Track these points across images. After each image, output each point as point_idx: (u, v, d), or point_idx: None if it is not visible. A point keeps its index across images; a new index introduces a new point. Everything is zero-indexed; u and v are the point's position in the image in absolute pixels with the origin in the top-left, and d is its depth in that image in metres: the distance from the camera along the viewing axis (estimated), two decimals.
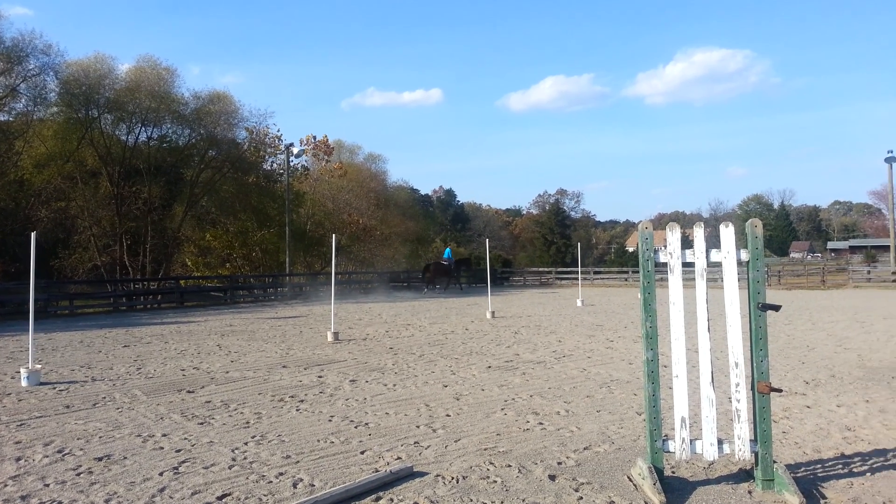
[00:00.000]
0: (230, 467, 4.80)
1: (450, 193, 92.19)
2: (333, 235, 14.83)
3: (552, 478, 4.47)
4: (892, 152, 38.88)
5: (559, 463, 4.79)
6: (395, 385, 7.89)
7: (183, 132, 34.31)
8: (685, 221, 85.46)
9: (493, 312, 17.30)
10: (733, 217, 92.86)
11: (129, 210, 31.89)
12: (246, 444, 5.42)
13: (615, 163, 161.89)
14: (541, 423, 5.94)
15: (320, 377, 8.52)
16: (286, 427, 5.96)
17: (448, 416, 6.31)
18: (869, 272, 38.79)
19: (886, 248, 49.32)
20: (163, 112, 31.95)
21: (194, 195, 33.54)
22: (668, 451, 4.28)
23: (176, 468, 4.80)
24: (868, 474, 4.49)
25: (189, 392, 7.67)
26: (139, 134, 32.87)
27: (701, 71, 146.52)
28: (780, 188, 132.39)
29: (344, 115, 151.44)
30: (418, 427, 5.89)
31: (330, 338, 12.39)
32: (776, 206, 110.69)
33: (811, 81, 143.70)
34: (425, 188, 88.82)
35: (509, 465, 4.75)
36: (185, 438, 5.62)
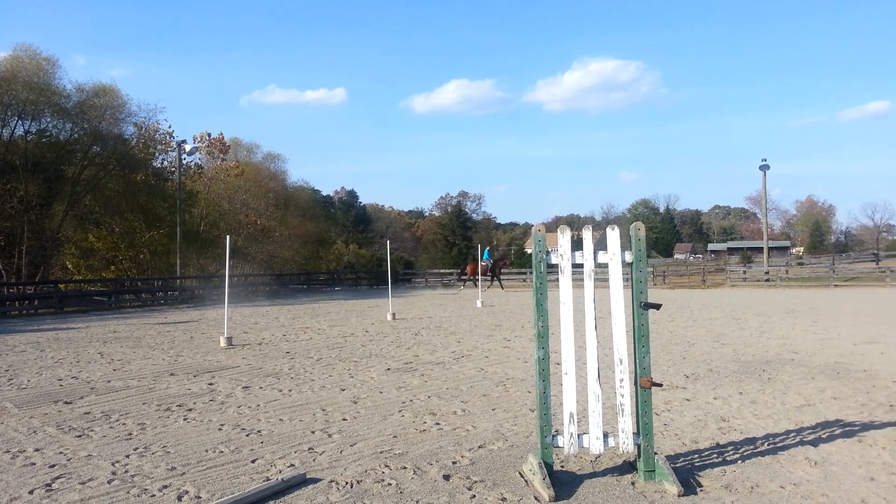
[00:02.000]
0: (109, 482, 4.52)
1: (352, 195, 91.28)
2: (228, 236, 14.30)
3: (447, 477, 4.50)
4: (765, 161, 42.03)
5: (454, 462, 4.83)
6: (290, 390, 7.71)
7: (65, 126, 32.04)
8: (580, 224, 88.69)
9: (393, 314, 17.27)
10: (623, 220, 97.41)
11: (2, 209, 29.43)
12: (128, 456, 5.12)
13: (515, 166, 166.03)
14: (438, 424, 5.97)
15: (211, 384, 8.19)
16: (172, 437, 5.68)
17: (345, 420, 6.23)
18: (744, 272, 41.69)
19: (761, 250, 53.18)
20: (42, 105, 29.73)
21: (76, 194, 31.40)
22: (558, 447, 4.41)
23: (49, 485, 4.47)
24: (739, 462, 4.81)
25: (66, 403, 7.17)
26: (15, 128, 30.42)
27: (596, 80, 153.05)
28: (666, 193, 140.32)
29: (243, 113, 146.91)
30: (313, 433, 5.77)
31: (223, 343, 11.95)
32: (662, 209, 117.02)
33: (695, 93, 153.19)
34: (327, 189, 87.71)
35: (405, 467, 4.74)
36: (61, 453, 5.25)
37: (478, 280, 32.25)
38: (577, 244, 4.69)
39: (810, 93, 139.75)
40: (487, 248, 38.48)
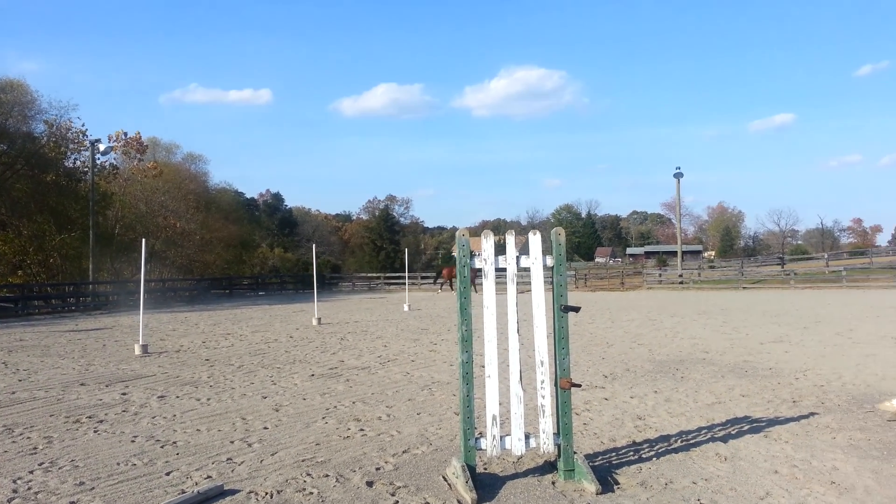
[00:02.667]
0: (10, 500, 4.26)
1: (278, 197, 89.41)
2: (143, 240, 13.74)
3: (370, 484, 4.47)
4: (679, 169, 44.05)
5: (378, 468, 4.80)
6: (209, 399, 7.47)
7: None
8: (506, 229, 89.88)
9: (319, 319, 17.02)
10: (548, 225, 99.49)
11: None
12: (32, 472, 4.84)
13: (443, 171, 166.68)
14: (362, 430, 5.92)
15: (124, 394, 7.84)
16: (81, 451, 5.40)
17: (266, 428, 6.09)
18: (660, 275, 43.35)
19: (675, 254, 55.39)
20: None
21: None
22: (481, 449, 4.46)
23: None
24: (654, 459, 4.99)
25: None
26: None
27: (521, 87, 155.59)
28: (588, 199, 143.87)
29: (162, 112, 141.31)
30: (232, 442, 5.61)
31: (138, 351, 11.46)
32: (584, 215, 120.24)
33: (616, 103, 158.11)
34: (252, 191, 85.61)
35: (327, 475, 4.67)
36: None
37: (454, 283, 32.35)
38: (502, 248, 4.77)
39: (722, 105, 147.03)
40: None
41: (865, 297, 25.99)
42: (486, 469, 4.73)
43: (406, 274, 26.55)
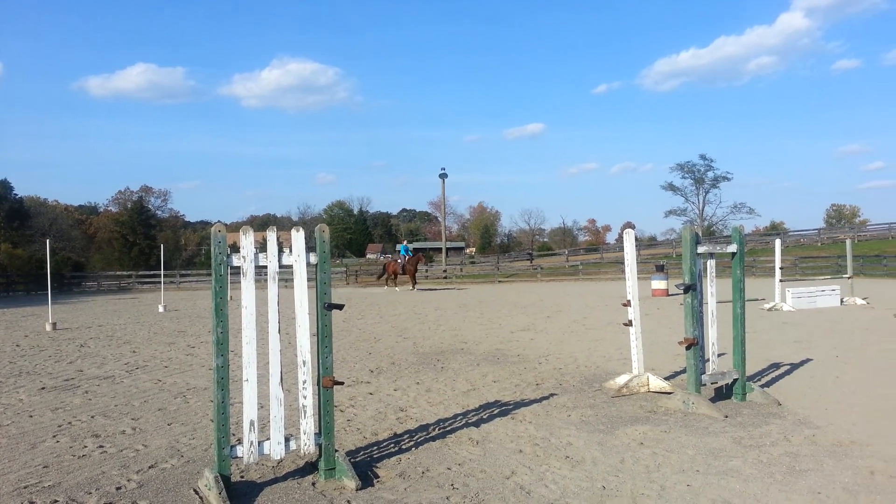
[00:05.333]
0: None
1: (5, 185, 76.99)
2: None
3: None
4: (444, 170, 46.68)
5: (118, 488, 4.33)
6: None
7: None
8: (277, 224, 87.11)
9: (54, 324, 15.00)
10: (320, 220, 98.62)
11: None
12: None
13: (209, 162, 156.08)
14: (101, 447, 5.31)
15: None
16: None
17: None
18: (426, 271, 45.29)
19: (440, 250, 58.27)
20: None
21: None
22: (237, 457, 4.24)
23: None
24: (414, 449, 5.16)
25: None
26: None
27: (295, 80, 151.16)
28: (360, 195, 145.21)
29: None
30: None
31: None
32: (356, 211, 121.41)
33: (388, 104, 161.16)
34: None
35: (56, 501, 4.10)
36: None
37: (396, 278, 29.89)
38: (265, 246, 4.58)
39: (482, 112, 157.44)
40: (405, 242, 35.11)
41: (597, 288, 29.69)
42: (242, 477, 4.51)
43: (161, 272, 24.51)
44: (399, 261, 30.67)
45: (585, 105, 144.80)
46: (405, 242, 33.91)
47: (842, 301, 17.58)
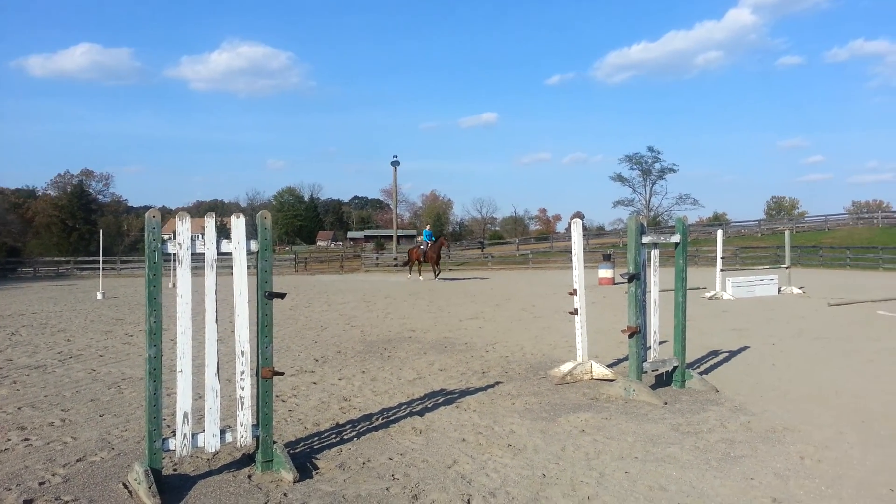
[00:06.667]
0: None
1: None
2: None
3: (28, 502, 3.82)
4: (396, 157, 46.35)
5: (41, 483, 4.13)
6: None
7: None
8: (224, 210, 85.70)
9: None
10: (269, 207, 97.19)
11: None
12: None
13: (154, 146, 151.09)
14: (26, 440, 5.07)
15: None
16: None
17: None
18: (377, 258, 45.09)
19: (392, 238, 58.03)
20: None
21: None
22: (170, 450, 4.10)
23: None
24: (356, 439, 5.09)
25: None
26: None
27: (246, 64, 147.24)
28: (311, 182, 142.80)
29: None
30: None
31: None
32: (307, 198, 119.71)
33: (341, 90, 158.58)
34: None
35: None
36: None
37: (420, 266, 28.08)
38: (223, 232, 4.43)
39: (437, 100, 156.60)
40: (427, 226, 31.66)
41: (546, 277, 30.02)
42: (175, 470, 4.36)
43: (101, 258, 23.67)
44: (422, 247, 28.08)
45: (539, 95, 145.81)
46: (428, 227, 30.08)
47: (779, 290, 18.20)
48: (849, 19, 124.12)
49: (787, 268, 19.50)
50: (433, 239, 28.15)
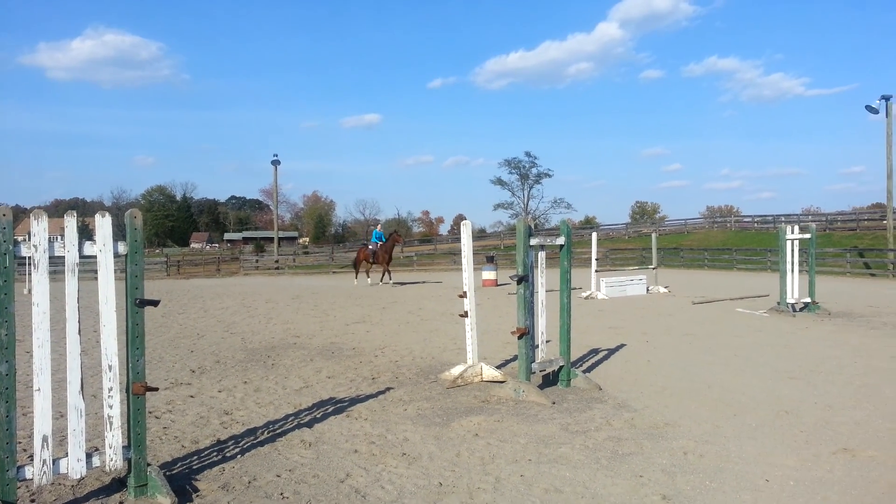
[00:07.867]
0: None
1: None
2: None
3: None
4: (276, 156, 44.93)
5: None
6: None
7: None
8: (86, 210, 79.52)
9: None
10: (137, 206, 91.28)
11: None
12: None
13: (5, 138, 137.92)
14: None
15: None
16: None
17: None
18: (257, 261, 43.58)
19: (272, 240, 56.26)
20: None
21: None
22: (27, 479, 3.64)
23: None
24: (239, 456, 4.77)
25: None
26: None
27: (112, 53, 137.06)
28: (184, 181, 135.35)
29: None
30: None
31: None
32: (179, 197, 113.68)
33: (217, 84, 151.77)
34: None
35: None
36: None
37: (369, 267, 25.66)
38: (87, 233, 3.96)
39: (319, 99, 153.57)
40: (378, 227, 27.32)
41: (430, 278, 30.20)
42: (33, 502, 3.89)
43: None
44: (371, 248, 25.76)
45: (421, 98, 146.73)
46: (378, 228, 27.31)
47: (647, 289, 19.31)
48: (704, 38, 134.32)
49: (654, 268, 20.72)
50: (383, 240, 25.75)
